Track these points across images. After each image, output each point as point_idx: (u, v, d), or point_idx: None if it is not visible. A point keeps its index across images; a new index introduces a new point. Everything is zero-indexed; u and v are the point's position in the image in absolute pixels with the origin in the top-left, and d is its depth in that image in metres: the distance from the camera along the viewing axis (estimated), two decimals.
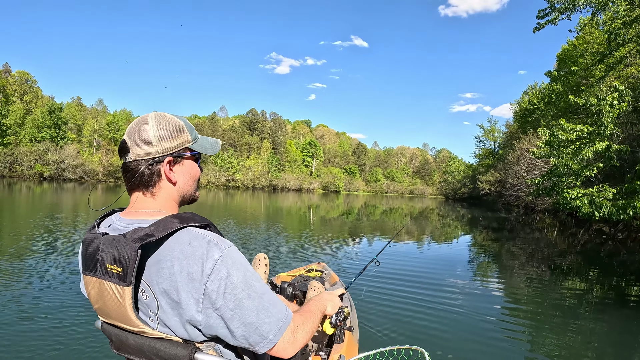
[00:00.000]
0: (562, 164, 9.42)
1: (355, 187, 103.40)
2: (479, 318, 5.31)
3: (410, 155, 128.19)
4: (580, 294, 7.27)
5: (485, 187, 54.55)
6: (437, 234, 17.26)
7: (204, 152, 1.25)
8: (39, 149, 56.51)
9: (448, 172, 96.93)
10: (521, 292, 7.28)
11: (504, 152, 50.24)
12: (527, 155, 29.84)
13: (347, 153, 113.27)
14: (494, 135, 70.52)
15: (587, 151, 8.84)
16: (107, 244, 1.07)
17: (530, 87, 48.96)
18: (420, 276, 7.61)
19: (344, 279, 5.86)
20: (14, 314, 4.46)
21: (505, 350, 4.36)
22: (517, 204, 36.36)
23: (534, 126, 35.69)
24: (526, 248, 13.47)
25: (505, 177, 40.17)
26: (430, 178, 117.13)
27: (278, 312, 1.11)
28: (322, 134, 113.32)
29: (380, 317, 5.05)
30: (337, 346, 2.68)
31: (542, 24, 11.48)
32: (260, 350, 1.08)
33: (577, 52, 29.87)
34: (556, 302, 6.50)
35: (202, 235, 1.07)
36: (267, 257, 3.07)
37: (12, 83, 63.26)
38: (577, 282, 8.34)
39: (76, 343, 3.82)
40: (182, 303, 1.03)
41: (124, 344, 1.15)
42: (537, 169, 27.96)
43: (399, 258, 9.60)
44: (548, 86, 37.36)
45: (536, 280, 8.15)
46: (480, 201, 61.84)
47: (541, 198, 22.14)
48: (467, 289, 6.89)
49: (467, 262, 10.00)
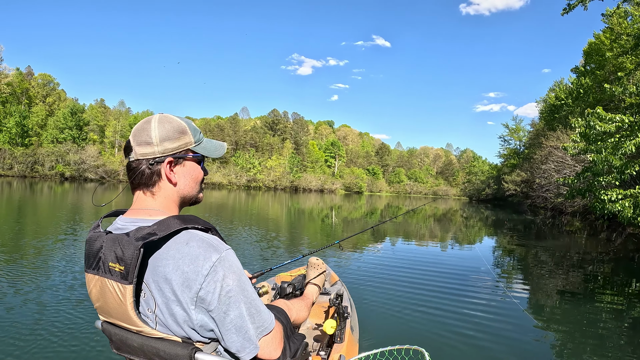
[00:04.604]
0: (601, 159, 8.13)
1: (378, 188, 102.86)
2: (479, 318, 5.20)
3: (434, 156, 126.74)
4: (611, 307, 6.58)
5: (511, 187, 53.34)
6: (449, 235, 16.93)
7: (207, 154, 1.25)
8: (61, 149, 58.32)
9: (472, 173, 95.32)
10: (534, 296, 7.00)
11: (530, 151, 48.90)
12: (556, 153, 28.86)
13: (370, 153, 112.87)
14: (519, 135, 68.89)
15: (629, 144, 7.68)
16: (110, 243, 1.08)
17: (556, 83, 47.55)
18: (420, 276, 7.52)
19: (342, 277, 5.89)
20: (14, 314, 4.48)
21: (506, 351, 4.24)
22: (544, 205, 35.27)
23: (562, 123, 34.63)
24: (550, 253, 12.86)
25: (532, 177, 39.03)
26: (454, 179, 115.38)
27: (265, 319, 1.14)
28: (345, 135, 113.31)
29: (380, 317, 5.05)
30: (338, 346, 2.65)
31: (572, 5, 10.73)
32: (246, 356, 1.09)
33: (606, 46, 28.75)
34: (568, 308, 6.20)
35: (201, 237, 1.08)
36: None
37: (34, 85, 65.66)
38: (607, 294, 7.49)
39: (76, 343, 3.82)
40: (177, 302, 1.05)
41: (124, 344, 1.16)
42: (567, 167, 26.96)
43: (401, 258, 9.51)
44: (575, 80, 36.21)
45: (547, 285, 7.83)
46: (505, 202, 60.65)
47: (571, 200, 20.90)
48: (468, 290, 6.74)
49: (474, 264, 9.56)
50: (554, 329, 5.03)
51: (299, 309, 1.67)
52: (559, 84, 46.27)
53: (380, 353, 2.05)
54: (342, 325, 2.73)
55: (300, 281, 2.31)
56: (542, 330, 5.03)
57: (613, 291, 7.49)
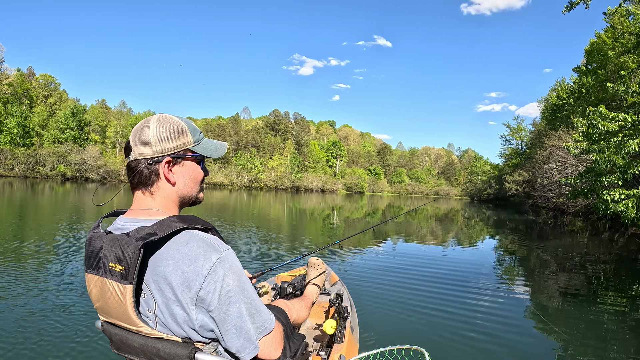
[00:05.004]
0: (604, 159, 8.02)
1: (379, 188, 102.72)
2: (480, 319, 5.18)
3: (435, 156, 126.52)
4: (614, 309, 6.59)
5: (512, 187, 53.16)
6: (451, 235, 16.90)
7: (207, 154, 1.25)
8: (62, 150, 58.39)
9: (473, 173, 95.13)
10: (535, 297, 6.97)
11: (531, 150, 48.76)
12: (558, 152, 28.76)
13: (372, 153, 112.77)
14: (520, 134, 68.74)
15: (632, 143, 7.59)
16: (110, 243, 1.08)
17: (558, 82, 47.38)
18: (421, 276, 7.50)
19: (342, 277, 5.86)
20: (14, 313, 4.49)
21: (506, 352, 4.23)
22: (546, 205, 35.14)
23: (564, 122, 34.53)
24: (552, 253, 12.81)
25: (533, 176, 38.90)
26: (456, 179, 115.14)
27: (266, 319, 1.14)
28: (347, 135, 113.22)
29: (380, 317, 5.03)
30: (338, 346, 2.64)
31: (574, 3, 10.69)
32: (247, 356, 1.09)
33: (608, 45, 28.65)
34: (570, 309, 6.18)
35: (201, 237, 1.08)
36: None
37: (36, 86, 65.75)
38: (610, 295, 7.48)
39: (76, 343, 3.82)
40: (177, 302, 1.05)
41: (124, 344, 1.16)
42: (569, 167, 26.86)
43: (401, 258, 9.50)
44: (577, 80, 36.11)
45: (548, 286, 7.79)
46: (506, 202, 60.48)
47: (574, 200, 20.70)
48: (469, 290, 6.72)
49: (475, 265, 9.52)
50: (555, 331, 5.00)
51: (299, 309, 1.67)
52: (560, 83, 46.13)
53: (380, 353, 2.04)
54: (342, 325, 2.72)
55: (300, 281, 2.31)
56: (543, 331, 5.00)
57: (616, 292, 7.45)
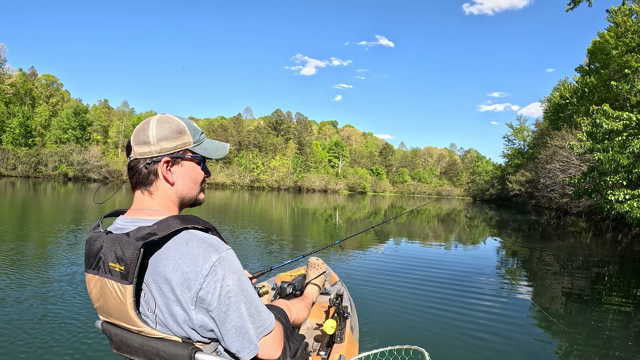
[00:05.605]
0: (608, 158, 7.90)
1: (382, 188, 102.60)
2: (480, 319, 5.17)
3: (438, 156, 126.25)
4: (617, 310, 6.51)
5: (515, 187, 53.02)
6: (453, 235, 16.86)
7: (208, 155, 1.24)
8: (64, 150, 58.45)
9: (476, 173, 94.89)
10: (537, 297, 6.95)
11: (534, 150, 48.62)
12: (561, 152, 28.67)
13: (374, 154, 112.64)
14: (523, 134, 68.50)
15: (637, 143, 7.49)
16: (110, 243, 1.08)
17: (560, 82, 47.24)
18: (421, 276, 7.50)
19: (342, 277, 5.89)
20: (15, 314, 4.50)
21: (507, 352, 4.22)
22: (548, 205, 35.02)
23: (567, 122, 34.42)
24: (555, 254, 12.73)
25: (536, 176, 38.79)
26: (458, 179, 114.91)
27: (265, 319, 1.14)
28: (349, 135, 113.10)
29: (380, 317, 5.02)
30: (338, 346, 2.64)
31: (577, 1, 10.65)
32: (246, 356, 1.09)
33: (611, 44, 28.54)
34: (573, 310, 6.18)
35: (201, 237, 1.08)
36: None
37: (38, 86, 65.94)
38: (613, 296, 7.45)
39: (76, 343, 3.82)
40: (177, 302, 1.05)
41: (124, 344, 1.17)
42: (572, 167, 26.76)
43: (402, 258, 9.49)
44: (580, 79, 35.98)
45: (551, 286, 7.76)
46: (509, 203, 60.31)
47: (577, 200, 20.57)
48: (470, 290, 6.71)
49: (477, 265, 9.50)
50: (558, 332, 4.98)
51: (299, 309, 1.67)
52: (563, 83, 46.01)
53: (380, 353, 2.04)
54: (342, 325, 2.73)
55: (300, 281, 2.31)
56: (545, 332, 4.99)
57: (619, 293, 7.42)
